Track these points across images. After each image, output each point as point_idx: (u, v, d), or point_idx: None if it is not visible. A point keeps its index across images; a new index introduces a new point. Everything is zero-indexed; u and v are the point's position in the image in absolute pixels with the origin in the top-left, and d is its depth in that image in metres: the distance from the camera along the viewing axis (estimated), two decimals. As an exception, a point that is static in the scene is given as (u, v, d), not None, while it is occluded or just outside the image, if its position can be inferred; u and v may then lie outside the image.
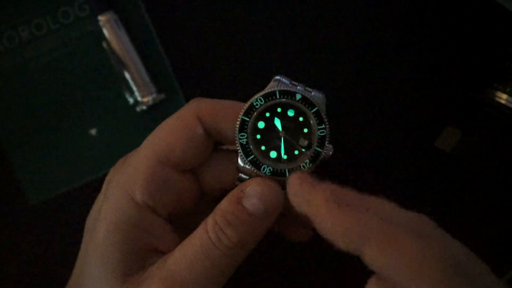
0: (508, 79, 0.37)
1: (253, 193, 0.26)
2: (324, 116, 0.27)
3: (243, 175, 0.28)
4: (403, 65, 0.39)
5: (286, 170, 0.27)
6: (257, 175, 0.27)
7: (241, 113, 0.27)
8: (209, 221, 0.26)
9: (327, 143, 0.27)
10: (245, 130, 0.27)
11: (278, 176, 0.27)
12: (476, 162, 0.38)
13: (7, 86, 0.39)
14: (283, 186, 0.27)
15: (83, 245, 0.28)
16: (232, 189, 0.28)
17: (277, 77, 0.28)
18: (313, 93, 0.28)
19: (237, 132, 0.27)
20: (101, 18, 0.38)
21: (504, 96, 0.36)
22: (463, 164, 0.38)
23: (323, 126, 0.27)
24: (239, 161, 0.27)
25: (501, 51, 0.38)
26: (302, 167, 0.27)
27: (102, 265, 0.26)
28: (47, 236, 0.39)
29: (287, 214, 0.29)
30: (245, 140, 0.27)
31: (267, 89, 0.27)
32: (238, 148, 0.27)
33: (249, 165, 0.27)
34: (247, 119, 0.27)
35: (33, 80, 0.39)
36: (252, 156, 0.27)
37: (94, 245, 0.26)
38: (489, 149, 0.38)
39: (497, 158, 0.38)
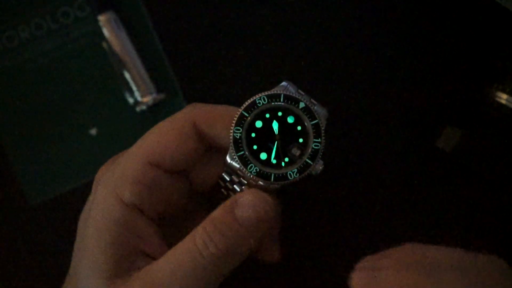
0: (508, 79, 0.37)
1: (246, 203, 0.25)
2: (323, 131, 0.27)
3: (229, 170, 0.28)
4: (403, 65, 0.39)
5: (272, 174, 0.27)
6: (242, 173, 0.27)
7: (242, 108, 0.27)
8: (198, 229, 0.25)
9: (319, 158, 0.27)
10: (241, 125, 0.27)
11: (263, 179, 0.26)
12: (476, 162, 0.38)
13: (7, 86, 0.39)
14: (266, 190, 0.27)
15: (75, 245, 0.28)
16: (216, 184, 0.28)
17: (284, 83, 0.28)
18: (316, 107, 0.27)
19: (233, 125, 0.27)
20: (101, 18, 0.38)
21: (504, 96, 0.36)
22: (463, 164, 0.38)
23: (319, 140, 0.27)
24: (228, 156, 0.27)
25: (501, 51, 0.38)
26: (289, 176, 0.27)
27: (90, 266, 0.26)
28: (47, 236, 0.39)
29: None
30: (239, 134, 0.27)
31: (273, 91, 0.27)
32: (230, 141, 0.27)
33: (237, 161, 0.27)
34: (247, 114, 0.27)
35: (33, 80, 0.39)
36: (242, 152, 0.27)
37: (83, 246, 0.26)
38: (489, 149, 0.38)
39: (497, 158, 0.38)
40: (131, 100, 0.39)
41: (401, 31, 0.39)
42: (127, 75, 0.38)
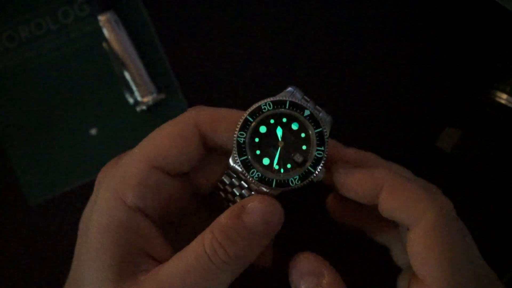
0: (508, 79, 0.37)
1: (255, 210, 0.25)
2: (326, 139, 0.27)
3: (230, 173, 0.28)
4: (403, 65, 0.39)
5: (274, 180, 0.27)
6: (244, 177, 0.27)
7: (247, 113, 0.27)
8: (207, 234, 0.25)
9: (321, 166, 0.27)
10: (245, 130, 0.27)
11: (264, 184, 0.26)
12: (476, 162, 0.38)
13: (7, 86, 0.39)
14: (266, 195, 0.27)
15: (77, 247, 0.28)
16: (217, 186, 0.28)
17: (291, 88, 0.28)
18: (321, 114, 0.27)
19: (237, 129, 0.27)
20: (101, 18, 0.38)
21: (504, 96, 0.36)
22: (463, 164, 0.38)
23: (323, 148, 0.27)
24: (230, 160, 0.27)
25: (501, 52, 0.38)
26: (290, 182, 0.27)
27: (95, 269, 0.26)
28: (47, 236, 0.39)
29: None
30: (243, 139, 0.27)
31: (279, 97, 0.27)
32: (233, 145, 0.27)
33: (239, 165, 0.27)
34: (251, 119, 0.27)
35: (33, 80, 0.39)
36: (245, 157, 0.27)
37: (87, 248, 0.26)
38: (489, 149, 0.38)
39: (497, 158, 0.38)
40: (131, 100, 0.39)
41: (401, 31, 0.39)
42: (127, 75, 0.38)
